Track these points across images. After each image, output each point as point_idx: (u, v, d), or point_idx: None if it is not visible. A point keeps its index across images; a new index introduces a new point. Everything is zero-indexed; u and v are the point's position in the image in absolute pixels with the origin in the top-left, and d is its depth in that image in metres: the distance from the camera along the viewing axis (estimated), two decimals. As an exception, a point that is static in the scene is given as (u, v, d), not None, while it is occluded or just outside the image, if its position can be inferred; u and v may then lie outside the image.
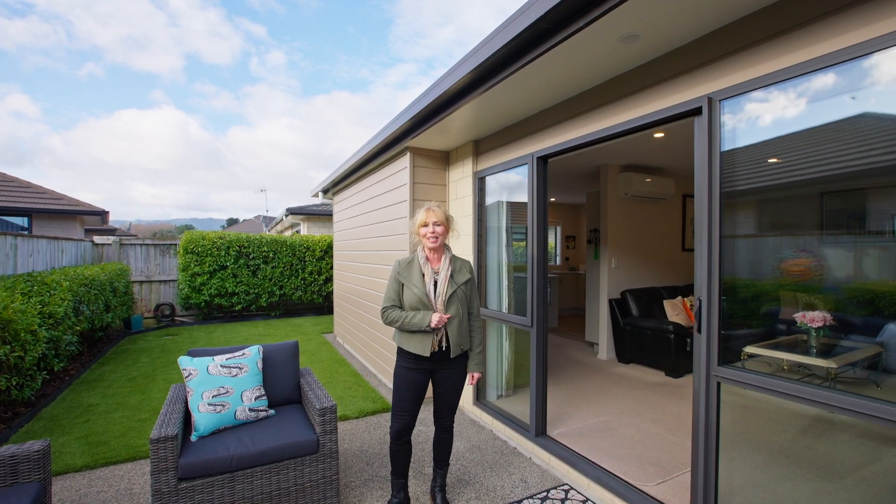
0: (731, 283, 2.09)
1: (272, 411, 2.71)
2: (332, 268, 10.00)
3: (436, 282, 2.47)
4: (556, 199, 9.54)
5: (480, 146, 4.06)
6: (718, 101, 2.02)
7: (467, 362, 2.57)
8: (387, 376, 4.95)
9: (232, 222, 68.32)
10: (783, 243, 2.07)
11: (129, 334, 7.72)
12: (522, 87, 2.80)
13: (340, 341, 7.29)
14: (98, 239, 8.92)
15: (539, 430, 3.30)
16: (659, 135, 4.38)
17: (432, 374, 2.51)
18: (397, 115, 3.92)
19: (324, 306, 10.49)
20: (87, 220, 12.05)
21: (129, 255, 9.18)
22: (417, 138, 4.01)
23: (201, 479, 2.20)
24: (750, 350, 2.15)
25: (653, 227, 6.29)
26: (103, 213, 10.77)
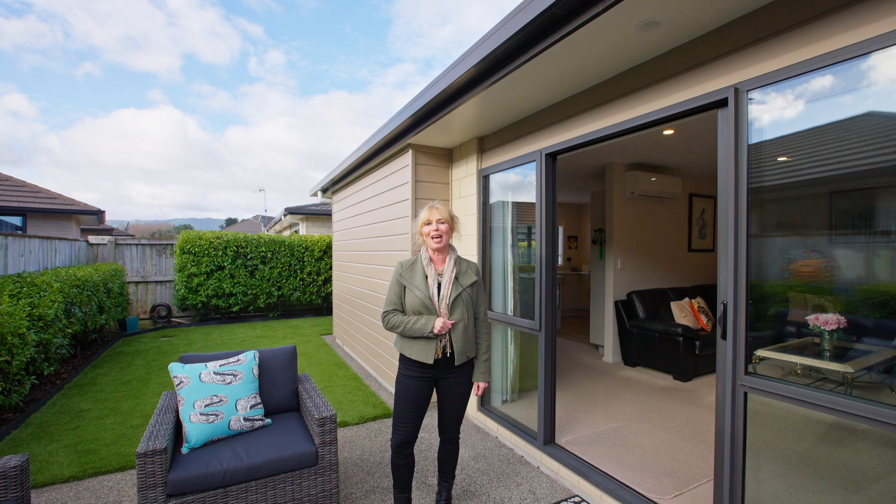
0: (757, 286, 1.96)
1: (268, 420, 2.58)
2: (331, 268, 9.85)
3: (439, 284, 2.33)
4: (559, 199, 9.40)
5: (485, 143, 3.92)
6: (745, 92, 1.88)
7: (473, 371, 2.43)
8: (387, 380, 4.81)
9: (230, 222, 68.10)
10: (817, 243, 1.94)
11: (124, 336, 7.57)
12: (532, 79, 2.67)
13: (340, 343, 7.15)
14: (93, 239, 8.77)
15: (547, 439, 3.16)
16: (668, 132, 4.24)
17: (436, 383, 2.37)
18: (399, 112, 3.79)
19: (323, 307, 10.34)
20: (83, 220, 11.89)
21: (124, 256, 9.03)
22: (420, 135, 3.88)
23: (192, 495, 2.07)
24: (761, 353, 2.04)
25: (659, 227, 6.16)
26: (99, 213, 10.61)
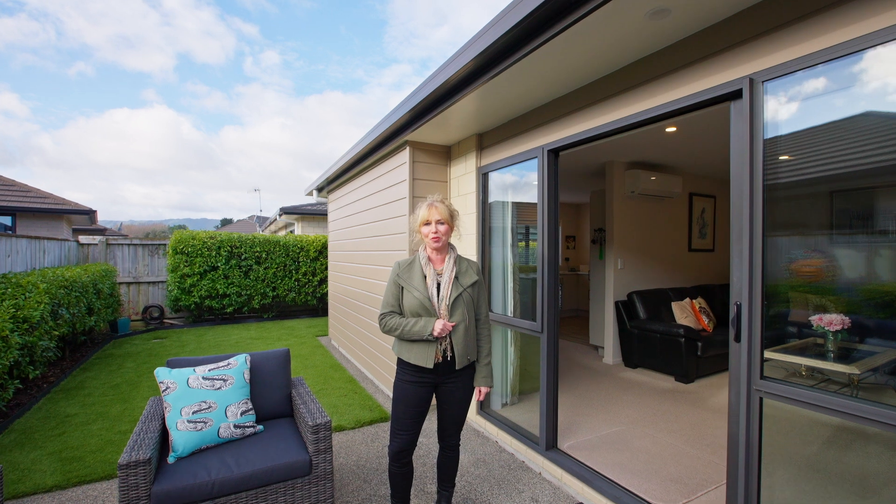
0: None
1: (260, 427, 2.46)
2: (326, 269, 9.73)
3: (439, 284, 2.23)
4: (557, 199, 9.33)
5: (485, 140, 3.83)
6: (761, 83, 1.80)
7: (474, 375, 2.33)
8: (384, 382, 4.71)
9: (226, 222, 67.66)
10: (822, 242, 1.86)
11: (115, 338, 7.42)
12: (534, 73, 2.57)
13: (335, 345, 7.03)
14: (83, 239, 8.60)
15: (550, 444, 3.07)
16: (671, 129, 4.17)
17: (436, 388, 2.27)
18: (396, 107, 3.68)
19: (318, 308, 10.22)
20: (75, 220, 11.68)
21: (116, 256, 8.87)
22: (417, 132, 3.78)
23: (178, 508, 1.95)
24: (765, 355, 1.96)
25: (659, 227, 6.08)
26: (91, 213, 10.42)
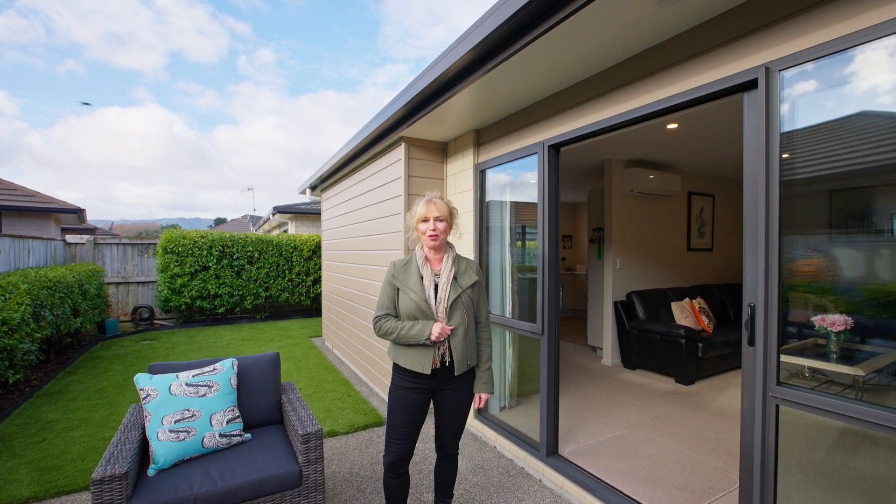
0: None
1: (248, 435, 2.34)
2: (320, 268, 9.58)
3: (436, 285, 2.12)
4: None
5: (482, 136, 3.72)
6: (778, 72, 1.70)
7: (474, 380, 2.22)
8: (379, 385, 4.59)
9: (219, 222, 67.10)
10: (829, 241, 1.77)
11: (102, 339, 7.23)
12: (534, 65, 2.46)
13: (329, 346, 6.89)
14: (70, 238, 8.40)
15: (550, 450, 2.96)
16: (672, 126, 4.08)
17: (433, 395, 2.16)
18: (390, 102, 3.56)
19: (312, 308, 10.07)
20: (63, 219, 11.44)
21: (104, 255, 8.67)
22: (412, 127, 3.66)
23: (157, 525, 1.83)
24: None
25: (658, 226, 6.00)
26: (79, 211, 10.20)
